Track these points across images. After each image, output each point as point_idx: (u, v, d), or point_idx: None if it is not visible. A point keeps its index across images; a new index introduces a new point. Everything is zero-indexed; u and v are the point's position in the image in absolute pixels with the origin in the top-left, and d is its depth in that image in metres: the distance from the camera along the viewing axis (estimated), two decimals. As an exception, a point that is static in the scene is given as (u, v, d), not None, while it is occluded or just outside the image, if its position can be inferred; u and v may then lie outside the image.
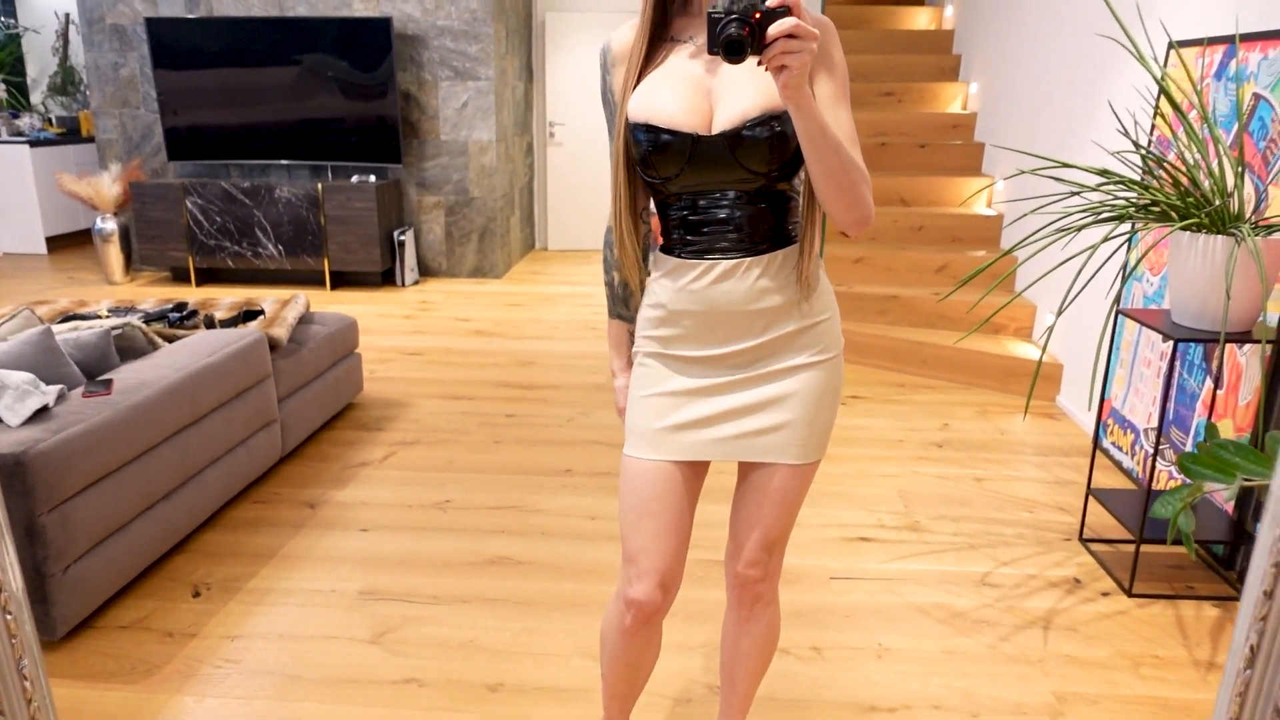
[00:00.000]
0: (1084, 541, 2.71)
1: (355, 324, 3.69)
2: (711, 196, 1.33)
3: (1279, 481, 0.73)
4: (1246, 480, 1.97)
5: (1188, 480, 2.27)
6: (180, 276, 6.27)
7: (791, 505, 1.43)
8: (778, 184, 1.32)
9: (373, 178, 6.01)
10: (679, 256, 1.37)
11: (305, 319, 3.49)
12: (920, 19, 6.20)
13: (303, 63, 5.88)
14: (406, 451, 3.35)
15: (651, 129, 1.29)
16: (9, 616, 0.84)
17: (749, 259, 1.33)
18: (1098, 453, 3.39)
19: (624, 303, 1.53)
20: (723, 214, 1.33)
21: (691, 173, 1.31)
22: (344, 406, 3.67)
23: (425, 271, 6.47)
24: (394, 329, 5.07)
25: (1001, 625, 2.29)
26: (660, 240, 1.43)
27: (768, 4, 1.08)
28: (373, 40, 5.82)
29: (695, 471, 1.44)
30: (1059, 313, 2.16)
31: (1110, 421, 3.34)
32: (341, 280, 6.22)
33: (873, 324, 4.53)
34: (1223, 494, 2.53)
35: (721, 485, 3.05)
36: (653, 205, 1.45)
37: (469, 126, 6.19)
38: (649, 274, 1.45)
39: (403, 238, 6.11)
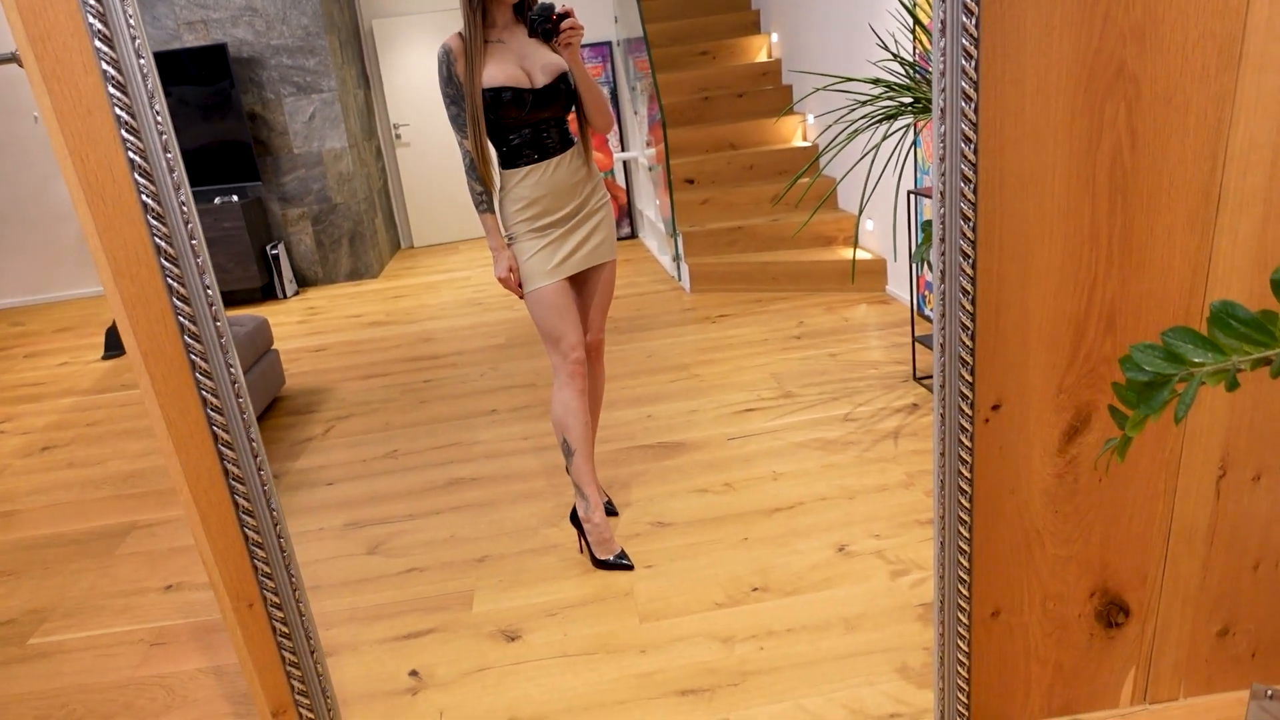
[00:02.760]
0: (917, 379, 3.42)
1: (267, 321, 4.01)
2: (541, 123, 2.24)
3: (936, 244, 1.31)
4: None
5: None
6: (51, 327, 6.25)
7: (613, 285, 2.47)
8: (565, 112, 2.27)
9: (235, 198, 6.19)
10: (531, 163, 2.25)
11: (223, 323, 3.78)
12: (719, -16, 6.88)
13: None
14: (344, 424, 3.73)
15: (504, 89, 2.17)
16: None
17: (568, 152, 2.28)
18: (919, 319, 4.14)
19: (488, 201, 2.30)
20: (547, 132, 2.26)
21: (531, 111, 2.21)
22: (271, 400, 3.99)
23: (303, 281, 6.69)
24: (291, 334, 5.35)
25: (863, 442, 2.94)
26: (499, 161, 2.30)
27: (559, 9, 2.14)
28: (211, 67, 5.99)
29: (571, 283, 2.36)
30: (860, 209, 2.80)
31: (927, 292, 4.09)
32: (225, 300, 6.34)
33: (725, 254, 5.18)
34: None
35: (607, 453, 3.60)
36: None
37: (320, 137, 6.44)
38: (497, 186, 2.32)
39: (275, 252, 6.32)
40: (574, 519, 2.48)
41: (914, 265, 3.45)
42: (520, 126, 2.22)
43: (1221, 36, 1.18)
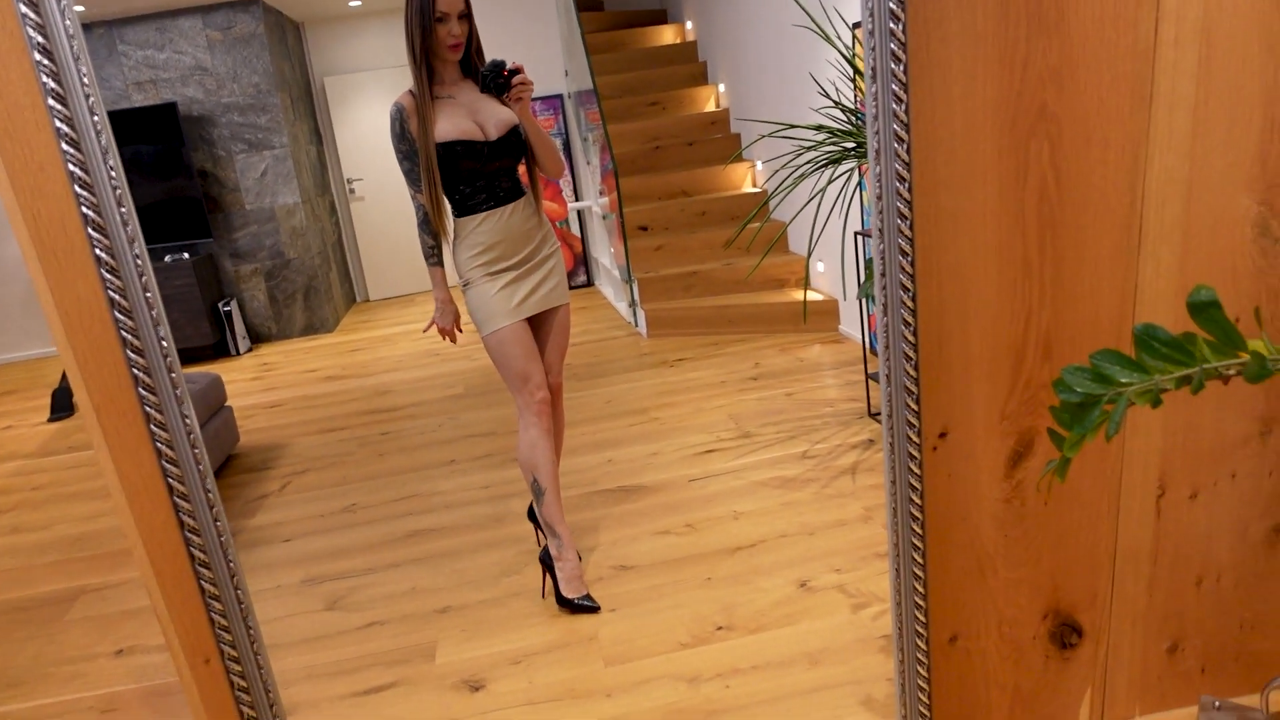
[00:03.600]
0: (872, 415, 3.48)
1: (220, 378, 3.96)
2: (495, 173, 2.31)
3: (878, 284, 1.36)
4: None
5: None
6: None
7: (569, 328, 2.51)
8: (516, 163, 2.35)
9: (186, 255, 6.13)
10: (486, 209, 2.31)
11: (175, 381, 3.73)
12: (667, 35, 7.06)
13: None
14: (300, 479, 3.67)
15: (457, 143, 2.23)
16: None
17: (520, 200, 2.35)
18: (871, 356, 4.22)
19: (438, 255, 2.38)
20: (500, 182, 2.32)
21: (487, 163, 2.27)
22: (225, 458, 3.93)
23: (256, 338, 6.62)
24: (245, 390, 5.28)
25: (821, 479, 2.98)
26: (453, 210, 2.36)
27: (510, 66, 2.21)
28: (161, 126, 5.98)
29: (529, 326, 2.40)
30: (809, 251, 2.88)
31: (878, 330, 4.19)
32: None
33: (680, 299, 5.25)
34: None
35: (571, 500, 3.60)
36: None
37: (272, 193, 6.43)
38: (452, 236, 2.37)
39: (228, 308, 6.26)
40: (544, 559, 2.48)
41: (862, 302, 3.53)
42: (475, 178, 2.29)
43: (1133, 78, 1.26)
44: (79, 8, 5.65)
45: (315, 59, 7.41)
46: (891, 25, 1.13)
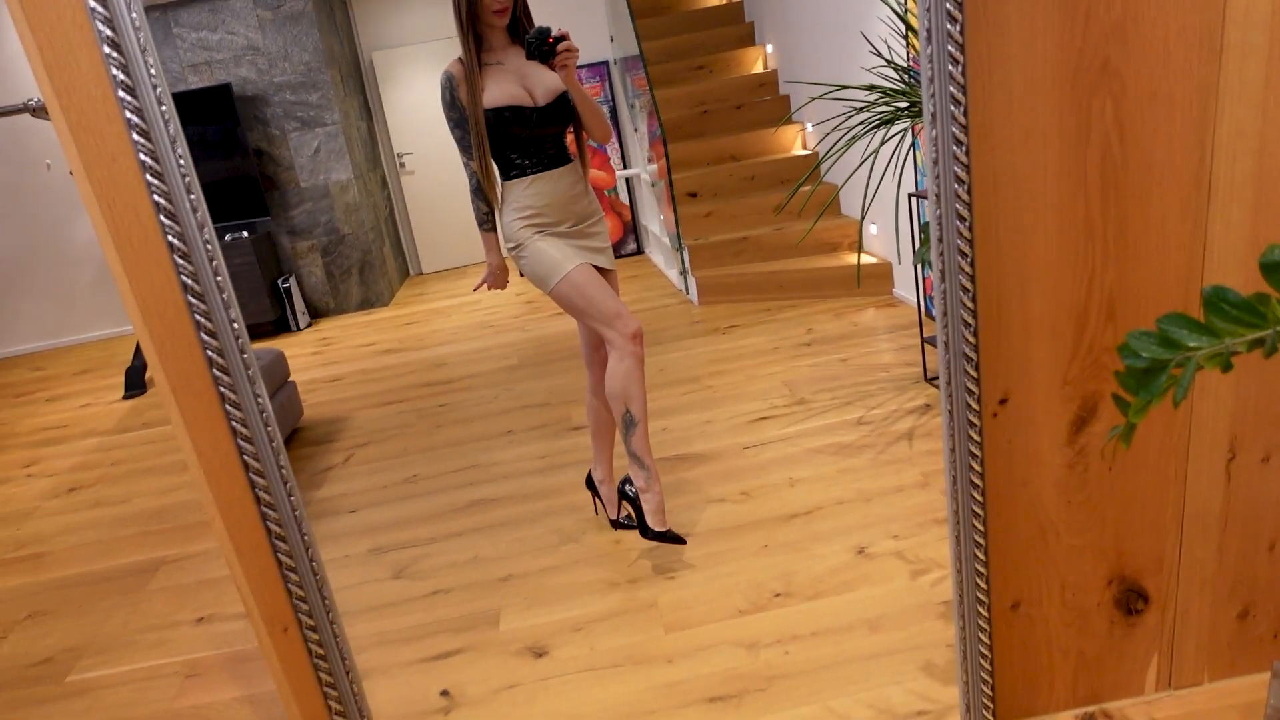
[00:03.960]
0: (928, 380, 3.44)
1: (283, 355, 4.06)
2: (543, 139, 2.34)
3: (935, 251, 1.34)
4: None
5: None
6: (71, 370, 6.35)
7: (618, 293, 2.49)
8: (564, 129, 2.37)
9: (245, 233, 6.28)
10: (534, 173, 2.34)
11: (241, 358, 3.84)
12: (712, -1, 6.96)
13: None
14: (363, 451, 3.77)
15: (506, 109, 2.26)
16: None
17: (568, 166, 2.38)
18: (927, 320, 4.16)
19: (491, 220, 2.43)
20: (548, 148, 2.35)
21: (535, 128, 2.30)
22: (291, 432, 4.04)
23: (315, 313, 6.77)
24: (306, 365, 5.41)
25: (878, 445, 2.96)
26: (500, 175, 2.40)
27: (555, 33, 2.18)
28: (217, 107, 6.10)
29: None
30: (863, 215, 2.84)
31: (934, 294, 4.12)
32: (237, 338, 6.46)
33: (730, 265, 5.22)
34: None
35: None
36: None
37: (326, 170, 6.53)
38: (500, 201, 2.41)
39: (286, 285, 6.41)
40: (622, 491, 2.57)
41: (918, 267, 3.47)
42: (524, 144, 2.33)
43: (1201, 29, 1.22)
44: (134, -7, 5.76)
45: (363, 34, 7.46)
46: (947, -15, 1.10)
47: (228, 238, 6.25)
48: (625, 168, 7.06)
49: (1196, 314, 1.04)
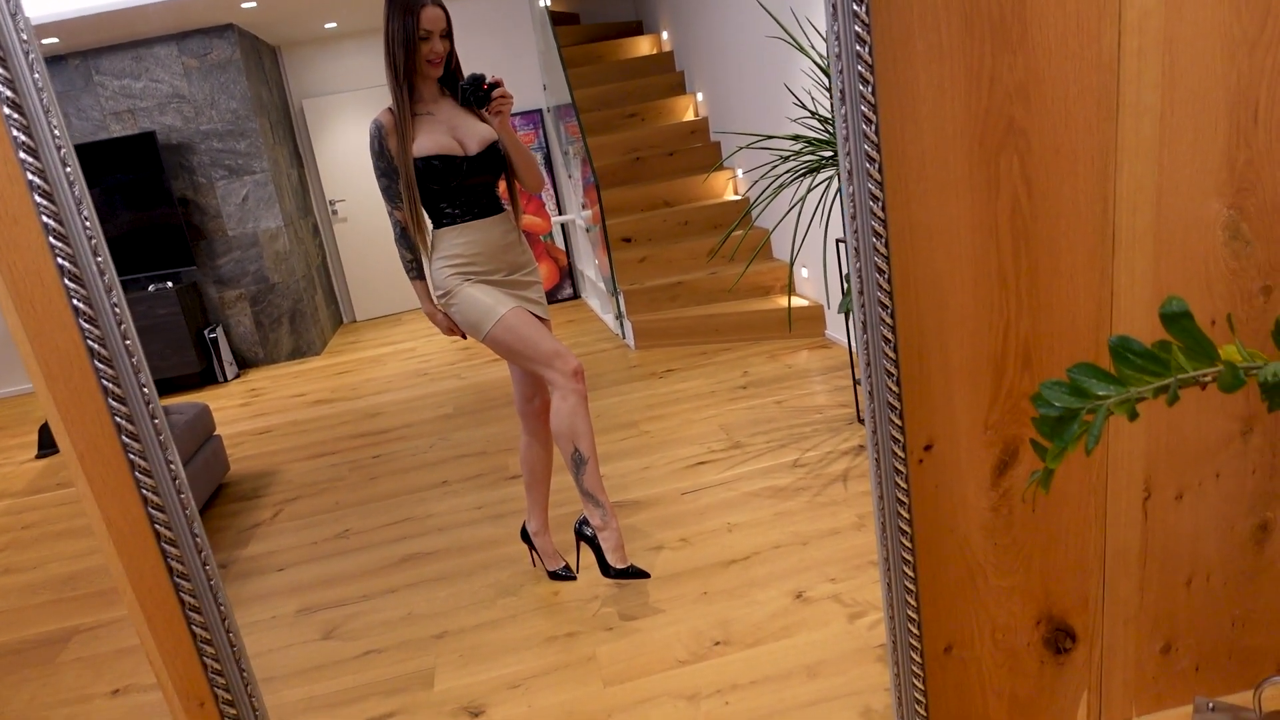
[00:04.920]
0: (860, 420, 3.49)
1: (208, 408, 3.94)
2: (474, 188, 2.33)
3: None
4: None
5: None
6: (-19, 428, 6.05)
7: None
8: (496, 178, 2.37)
9: (170, 283, 6.11)
10: (464, 222, 2.33)
11: (163, 413, 3.71)
12: (643, 46, 7.08)
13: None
14: (292, 506, 3.66)
15: (436, 158, 2.25)
16: None
17: (499, 215, 2.38)
18: (856, 359, 4.24)
19: (418, 268, 2.43)
20: (479, 197, 2.34)
21: (466, 178, 2.29)
22: (216, 488, 3.91)
23: (243, 363, 6.60)
24: (234, 418, 5.25)
25: (813, 487, 2.98)
26: (433, 227, 2.39)
27: (490, 79, 2.21)
28: (140, 155, 5.96)
29: None
30: (792, 259, 2.89)
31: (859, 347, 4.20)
32: (163, 387, 6.22)
33: (666, 309, 5.25)
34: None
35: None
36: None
37: (254, 218, 6.42)
38: (428, 248, 2.39)
39: (213, 335, 6.24)
40: (578, 532, 2.51)
41: (844, 315, 3.54)
42: (454, 194, 2.32)
43: (1099, 90, 1.28)
44: (53, 40, 5.63)
45: (293, 82, 7.40)
46: (858, 48, 1.14)
47: (151, 288, 6.08)
48: (561, 214, 7.09)
49: (1107, 361, 1.07)
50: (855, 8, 1.11)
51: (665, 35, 6.87)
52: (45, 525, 3.87)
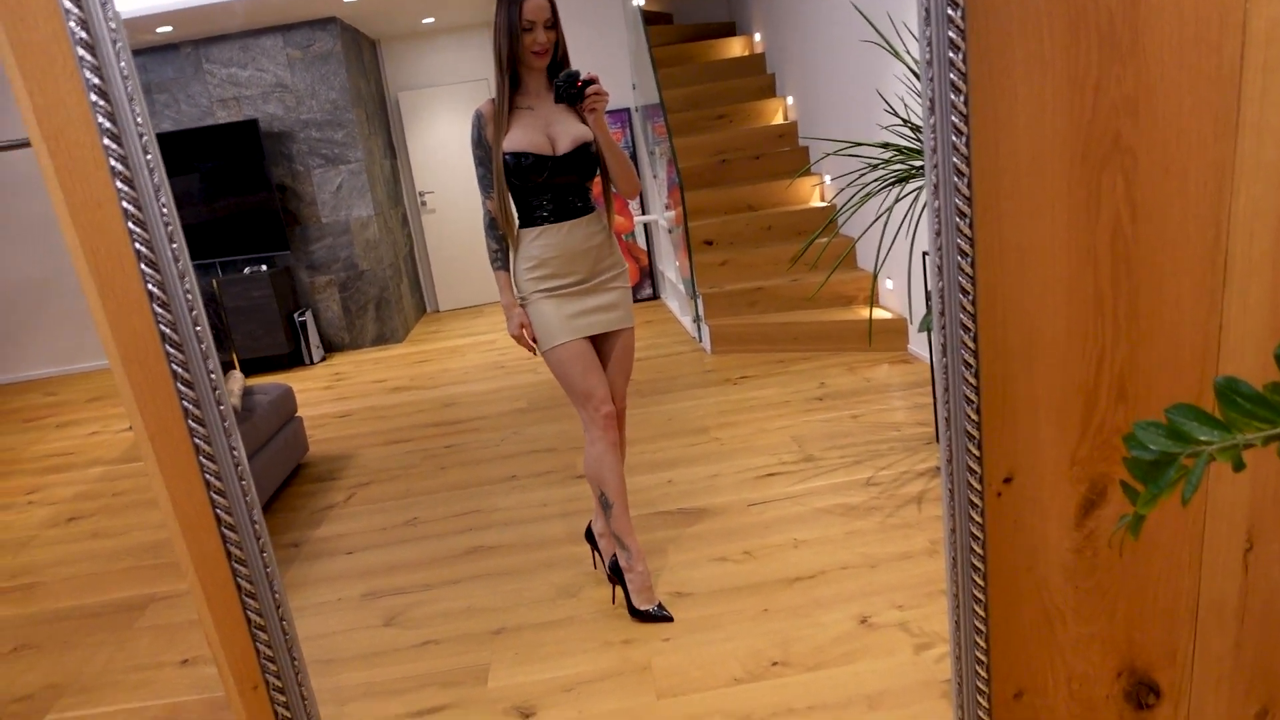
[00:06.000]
0: (940, 440, 3.37)
1: (291, 390, 4.05)
2: (562, 188, 2.31)
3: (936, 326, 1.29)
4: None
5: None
6: (85, 396, 6.38)
7: (632, 353, 2.48)
8: (586, 180, 2.34)
9: (264, 267, 6.32)
10: (546, 223, 2.32)
11: (246, 391, 3.84)
12: (735, 48, 7.01)
13: (191, 172, 6.16)
14: (365, 491, 3.73)
15: (524, 154, 2.25)
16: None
17: (585, 217, 2.35)
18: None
19: (502, 259, 2.40)
20: (567, 197, 2.32)
21: (548, 177, 2.27)
22: (295, 467, 4.01)
23: (329, 347, 6.78)
24: (317, 400, 5.40)
25: (886, 508, 2.89)
26: (518, 220, 2.39)
27: (584, 76, 2.20)
28: (243, 142, 6.18)
29: (590, 342, 2.40)
30: (876, 270, 2.80)
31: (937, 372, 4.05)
32: (252, 367, 6.46)
33: (745, 315, 5.18)
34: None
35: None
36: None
37: (347, 207, 6.59)
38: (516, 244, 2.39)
39: (303, 319, 6.43)
40: (613, 570, 2.52)
41: (926, 333, 3.42)
42: (541, 191, 2.31)
43: (1217, 106, 1.18)
44: (167, 28, 5.88)
45: (390, 74, 7.57)
46: (951, 55, 1.07)
47: (247, 270, 6.30)
48: (644, 213, 7.07)
49: (1211, 400, 0.98)
50: (950, 12, 1.05)
51: (758, 37, 6.79)
52: (135, 493, 4.03)
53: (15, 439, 5.33)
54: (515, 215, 2.38)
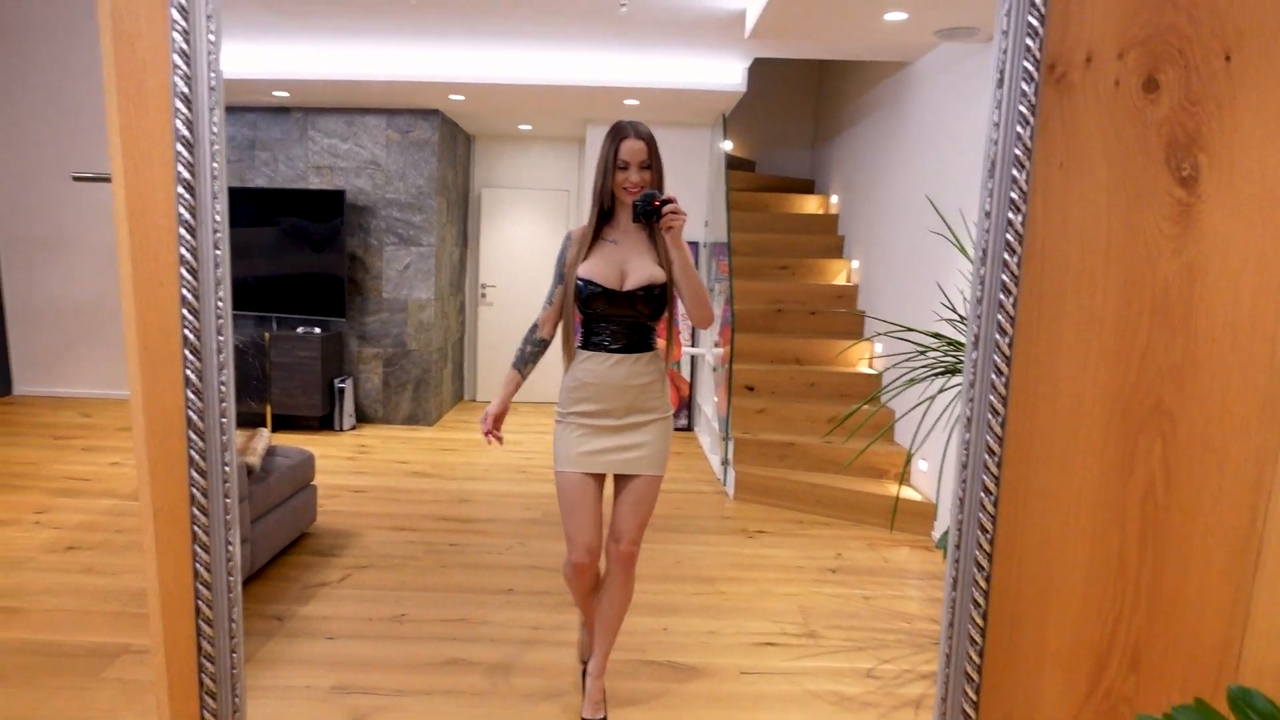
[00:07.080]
0: (949, 641, 3.24)
1: (313, 458, 4.08)
2: (618, 320, 2.38)
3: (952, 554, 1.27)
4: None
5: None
6: (119, 420, 6.48)
7: (651, 501, 2.46)
8: (648, 319, 2.38)
9: (318, 330, 6.48)
10: (597, 350, 2.40)
11: (270, 451, 3.87)
12: (810, 204, 7.20)
13: (271, 226, 6.43)
14: (361, 574, 3.69)
15: (591, 283, 2.35)
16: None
17: (632, 354, 2.39)
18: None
19: (520, 362, 2.50)
20: (623, 330, 2.38)
21: (610, 308, 2.36)
22: (300, 535, 4.00)
23: (362, 417, 6.85)
24: (337, 469, 5.42)
25: (882, 706, 2.76)
26: (578, 341, 2.48)
27: (663, 197, 2.22)
28: (328, 208, 6.45)
29: (599, 480, 2.44)
30: (911, 452, 2.77)
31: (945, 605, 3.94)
32: (283, 423, 6.54)
33: (774, 468, 5.13)
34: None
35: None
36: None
37: (409, 286, 6.78)
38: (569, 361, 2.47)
39: (342, 385, 6.53)
40: (584, 664, 2.76)
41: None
42: (604, 319, 2.40)
43: (1265, 392, 1.16)
44: (284, 94, 6.24)
45: (478, 170, 7.90)
46: (1001, 297, 1.09)
47: (300, 330, 6.46)
48: (694, 344, 7.15)
49: (1223, 702, 0.93)
50: (1006, 257, 1.07)
51: (834, 199, 6.97)
52: (137, 534, 4.04)
53: (41, 453, 5.41)
54: (578, 336, 2.47)
